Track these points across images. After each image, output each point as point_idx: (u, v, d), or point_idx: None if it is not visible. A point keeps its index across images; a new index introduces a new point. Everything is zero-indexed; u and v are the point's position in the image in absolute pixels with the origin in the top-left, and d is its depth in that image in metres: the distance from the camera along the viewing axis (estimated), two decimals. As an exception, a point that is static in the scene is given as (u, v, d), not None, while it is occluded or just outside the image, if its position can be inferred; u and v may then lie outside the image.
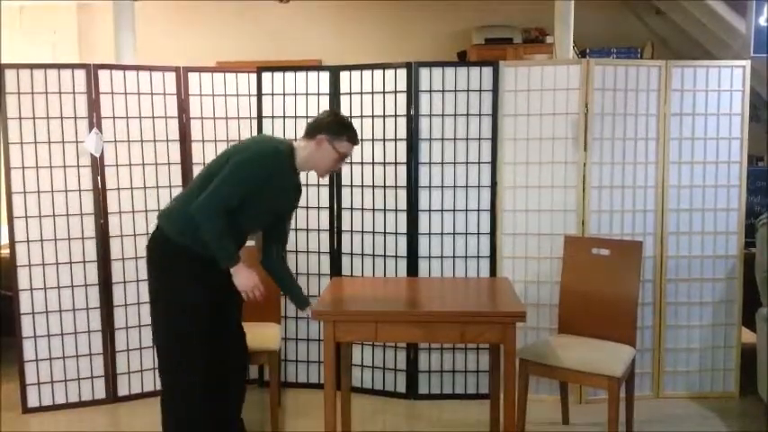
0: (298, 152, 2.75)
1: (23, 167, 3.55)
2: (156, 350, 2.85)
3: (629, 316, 3.16)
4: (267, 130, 3.82)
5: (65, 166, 3.60)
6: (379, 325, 2.65)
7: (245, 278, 2.67)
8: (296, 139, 2.87)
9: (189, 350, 2.73)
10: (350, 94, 3.73)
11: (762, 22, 4.46)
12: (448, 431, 3.40)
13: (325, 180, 3.77)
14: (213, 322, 2.78)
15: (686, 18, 5.91)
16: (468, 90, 3.63)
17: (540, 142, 3.62)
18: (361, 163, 3.73)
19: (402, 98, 3.64)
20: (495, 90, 3.61)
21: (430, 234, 3.68)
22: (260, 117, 3.84)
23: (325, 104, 3.76)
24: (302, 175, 2.95)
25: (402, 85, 3.64)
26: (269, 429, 3.23)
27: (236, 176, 2.61)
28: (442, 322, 2.65)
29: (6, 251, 3.65)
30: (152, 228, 2.81)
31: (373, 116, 3.70)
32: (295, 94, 3.80)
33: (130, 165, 3.70)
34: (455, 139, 3.65)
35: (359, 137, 2.81)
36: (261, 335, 3.22)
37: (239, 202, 2.62)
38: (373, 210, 3.73)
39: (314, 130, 2.73)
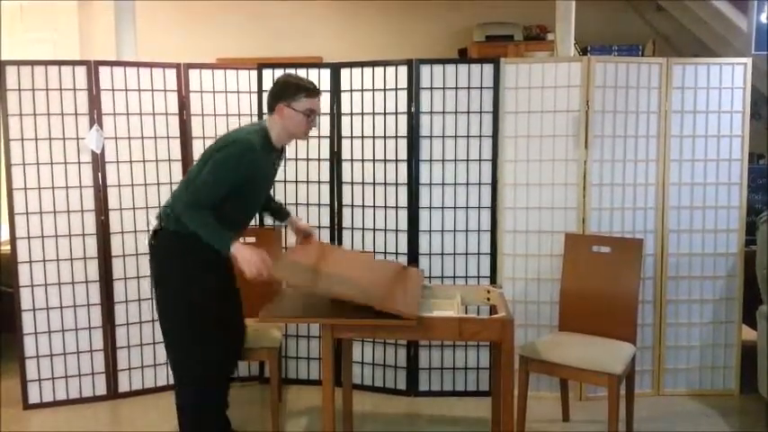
0: (271, 131, 2.79)
1: (24, 164, 3.55)
2: (167, 342, 2.88)
3: (630, 313, 3.16)
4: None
5: (65, 163, 3.60)
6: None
7: (248, 256, 2.62)
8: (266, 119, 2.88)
9: (202, 337, 2.78)
10: (351, 91, 3.73)
11: (763, 19, 4.45)
12: (449, 428, 3.40)
13: (326, 175, 3.77)
14: (221, 309, 2.85)
15: (688, 15, 5.90)
16: (468, 87, 3.62)
17: (541, 140, 3.62)
18: (362, 160, 3.73)
19: (403, 95, 3.64)
20: (496, 87, 3.61)
21: (430, 231, 3.68)
22: (260, 114, 3.83)
23: (325, 101, 3.75)
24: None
25: (403, 83, 3.64)
26: (270, 426, 3.23)
27: (214, 177, 2.65)
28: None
29: (7, 248, 3.65)
30: (153, 223, 2.85)
31: (374, 113, 3.69)
32: (296, 90, 3.80)
33: (131, 161, 3.70)
34: (456, 136, 3.65)
35: (316, 85, 2.79)
36: (261, 331, 3.22)
37: (225, 198, 2.67)
38: (374, 207, 3.73)
39: (271, 101, 2.77)
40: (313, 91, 2.76)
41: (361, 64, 3.72)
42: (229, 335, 2.97)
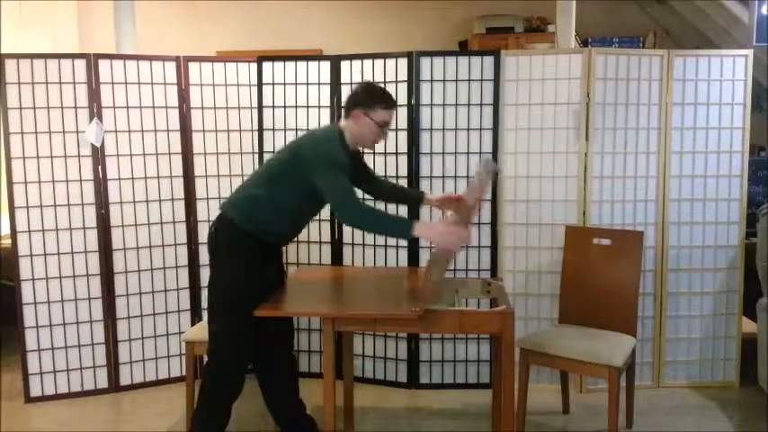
0: (345, 133, 2.81)
1: (24, 157, 3.55)
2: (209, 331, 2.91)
3: (630, 306, 3.16)
4: (268, 121, 3.81)
5: (65, 156, 3.60)
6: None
7: (442, 232, 2.65)
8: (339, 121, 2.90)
9: (217, 320, 2.80)
10: (351, 83, 3.72)
11: (764, 11, 4.44)
12: (449, 420, 3.42)
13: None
14: (244, 296, 2.78)
15: (689, 7, 5.88)
16: (469, 80, 3.62)
17: (542, 132, 3.62)
18: (362, 152, 3.71)
19: (403, 88, 3.63)
20: (497, 79, 3.60)
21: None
22: (260, 107, 3.83)
23: (325, 94, 3.75)
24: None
25: (403, 75, 3.63)
26: (271, 419, 3.23)
27: (329, 178, 2.66)
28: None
29: (8, 241, 3.66)
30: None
31: (374, 106, 3.68)
32: (295, 83, 3.79)
33: (131, 155, 3.70)
34: (456, 128, 3.64)
35: (394, 100, 2.81)
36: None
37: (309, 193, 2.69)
38: (374, 200, 3.72)
39: (349, 106, 2.79)
40: (392, 104, 2.80)
41: (362, 56, 3.71)
42: (246, 324, 2.84)
